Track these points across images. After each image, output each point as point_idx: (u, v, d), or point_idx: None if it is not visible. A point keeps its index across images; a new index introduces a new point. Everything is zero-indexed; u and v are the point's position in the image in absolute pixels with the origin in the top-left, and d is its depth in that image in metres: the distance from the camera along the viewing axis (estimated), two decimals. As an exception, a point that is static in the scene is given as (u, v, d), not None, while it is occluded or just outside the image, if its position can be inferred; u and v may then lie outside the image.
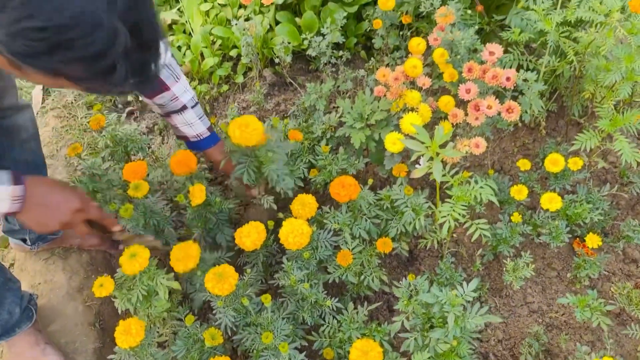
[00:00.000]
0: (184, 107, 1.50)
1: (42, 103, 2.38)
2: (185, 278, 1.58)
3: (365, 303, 1.47)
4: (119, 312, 1.57)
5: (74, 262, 1.81)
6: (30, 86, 2.46)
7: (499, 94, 1.63)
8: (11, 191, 1.13)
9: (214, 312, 1.43)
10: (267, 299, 1.36)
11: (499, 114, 1.55)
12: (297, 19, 2.43)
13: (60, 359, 1.58)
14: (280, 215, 1.65)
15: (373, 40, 2.00)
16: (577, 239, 1.78)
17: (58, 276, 1.76)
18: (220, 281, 1.33)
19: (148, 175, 1.68)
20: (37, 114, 2.35)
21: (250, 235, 1.43)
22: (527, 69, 1.87)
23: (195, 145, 1.59)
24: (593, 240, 1.62)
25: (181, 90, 1.47)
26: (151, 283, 1.42)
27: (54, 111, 2.32)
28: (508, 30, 1.82)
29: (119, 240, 1.83)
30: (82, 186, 1.69)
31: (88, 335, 1.65)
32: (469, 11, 1.84)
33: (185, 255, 1.42)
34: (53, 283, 1.74)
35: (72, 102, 2.34)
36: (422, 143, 1.41)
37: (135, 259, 1.36)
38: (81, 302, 1.72)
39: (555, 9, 1.70)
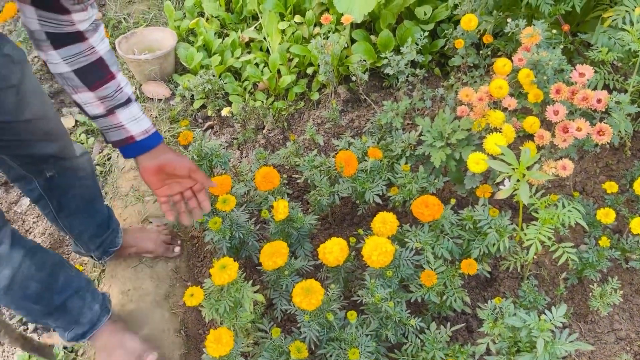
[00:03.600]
0: (129, 100, 1.28)
1: (128, 117, 2.52)
2: (270, 283, 1.63)
3: (449, 324, 1.47)
4: (206, 321, 1.64)
5: (160, 270, 1.90)
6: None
7: (586, 115, 1.60)
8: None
9: (297, 325, 1.47)
10: (352, 315, 1.38)
11: (588, 135, 1.52)
12: (372, 37, 2.47)
13: (139, 344, 1.66)
14: (360, 231, 1.68)
15: (452, 59, 2.00)
16: (668, 265, 1.71)
17: (146, 284, 1.85)
18: (308, 296, 1.37)
19: (232, 188, 1.75)
20: (124, 127, 2.48)
21: (334, 252, 1.47)
22: (614, 89, 1.83)
23: (142, 145, 1.32)
24: (687, 268, 1.56)
25: (124, 80, 1.28)
26: (238, 295, 1.48)
27: (139, 125, 2.44)
28: (593, 49, 1.79)
29: (173, 245, 1.94)
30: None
31: (174, 342, 1.73)
32: (554, 30, 1.82)
33: (276, 251, 1.48)
34: (142, 290, 1.83)
35: (156, 117, 2.46)
36: (509, 164, 1.40)
37: (224, 271, 1.42)
38: (167, 310, 1.80)
39: (645, 27, 1.65)
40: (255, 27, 2.70)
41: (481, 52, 2.00)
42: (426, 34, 2.01)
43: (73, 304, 1.54)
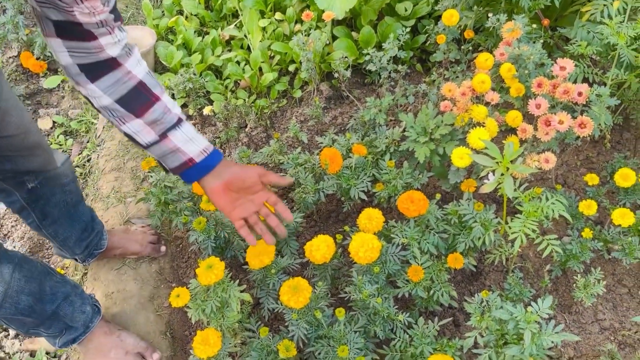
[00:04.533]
0: (180, 120, 1.21)
1: (107, 117, 2.48)
2: (257, 282, 1.62)
3: (436, 318, 1.47)
4: (192, 322, 1.62)
5: (144, 272, 1.87)
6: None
7: (567, 108, 1.62)
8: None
9: (285, 323, 1.46)
10: (340, 312, 1.38)
11: (570, 129, 1.54)
12: (353, 33, 2.46)
13: (137, 340, 1.66)
14: (346, 228, 1.68)
15: (434, 55, 2.01)
16: (648, 255, 1.74)
17: (130, 286, 1.82)
18: (295, 294, 1.36)
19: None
20: (104, 127, 2.44)
21: (320, 249, 1.46)
22: (593, 82, 1.85)
23: (203, 166, 1.25)
24: (668, 257, 1.58)
25: (170, 101, 1.21)
26: (224, 295, 1.46)
27: (119, 125, 2.41)
28: (572, 44, 1.81)
29: (159, 245, 1.93)
30: (153, 198, 1.76)
31: (160, 344, 1.70)
32: (534, 25, 1.83)
33: (262, 249, 1.46)
34: (125, 292, 1.81)
35: (136, 117, 2.42)
36: (493, 158, 1.41)
37: (211, 271, 1.40)
38: (152, 312, 1.78)
39: (622, 22, 1.68)
40: (236, 25, 2.67)
41: (462, 47, 2.01)
42: (407, 29, 2.01)
43: (64, 310, 1.52)
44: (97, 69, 1.10)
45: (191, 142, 1.22)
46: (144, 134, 1.18)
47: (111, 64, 1.10)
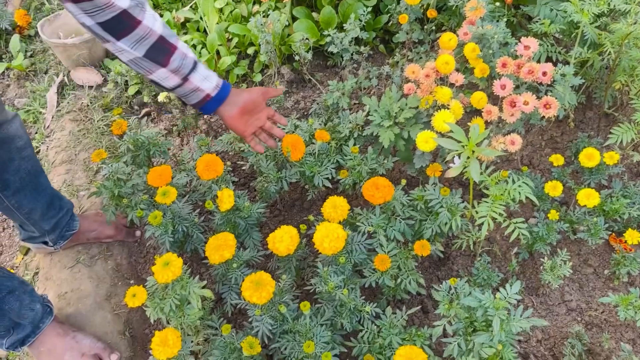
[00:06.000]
0: (195, 63, 1.39)
1: (57, 106, 2.35)
2: (218, 277, 1.55)
3: (404, 307, 1.43)
4: (151, 321, 1.55)
5: (100, 270, 1.78)
6: (43, 89, 2.42)
7: (532, 89, 1.59)
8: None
9: (249, 319, 1.41)
10: (306, 306, 1.32)
11: (535, 109, 1.51)
12: (314, 14, 2.38)
13: (93, 341, 1.59)
14: (311, 217, 1.62)
15: (397, 35, 1.95)
16: (613, 234, 1.75)
17: (85, 285, 1.73)
18: (258, 289, 1.30)
19: (172, 179, 1.65)
20: (53, 117, 2.31)
21: (284, 240, 1.40)
22: (557, 61, 1.83)
23: (218, 99, 1.46)
24: (633, 237, 1.58)
25: (184, 45, 1.36)
26: (184, 292, 1.39)
27: (69, 114, 2.28)
28: (535, 22, 1.78)
29: (134, 230, 1.88)
30: (106, 191, 1.66)
31: (118, 345, 1.62)
32: (497, 3, 1.79)
33: (222, 243, 1.40)
34: (80, 292, 1.71)
35: (87, 105, 2.30)
36: (458, 142, 1.37)
37: (168, 268, 1.33)
38: (109, 311, 1.69)
39: (586, -1, 1.65)
40: (191, 7, 2.55)
41: (425, 27, 1.96)
42: (369, 9, 1.94)
43: (10, 305, 1.43)
44: (119, 27, 1.22)
45: (206, 80, 1.41)
46: (169, 80, 1.36)
47: (130, 21, 1.22)
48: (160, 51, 1.30)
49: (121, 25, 1.21)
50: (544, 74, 1.49)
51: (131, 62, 1.30)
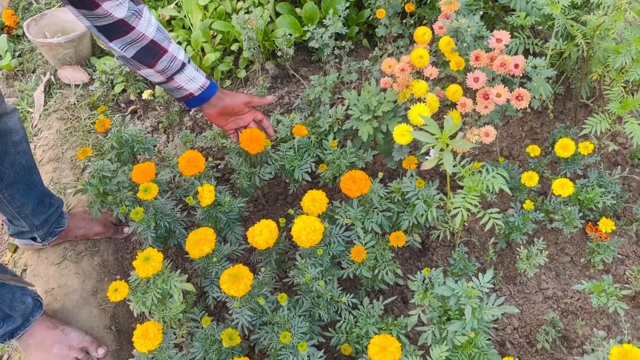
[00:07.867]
0: (183, 65, 1.51)
1: (44, 105, 2.37)
2: (200, 270, 1.58)
3: (381, 297, 1.47)
4: (135, 315, 1.58)
5: (86, 266, 1.81)
6: (31, 88, 2.44)
7: (507, 81, 1.61)
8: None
9: (229, 311, 1.44)
10: (282, 297, 1.35)
11: (508, 101, 1.54)
12: (297, 10, 2.40)
13: (81, 335, 1.62)
14: (291, 211, 1.65)
15: (377, 30, 1.97)
16: (589, 223, 1.78)
17: (71, 280, 1.76)
18: (236, 282, 1.33)
19: (156, 175, 1.67)
20: (40, 116, 2.34)
21: (263, 234, 1.43)
22: (534, 53, 1.85)
23: (201, 98, 1.59)
24: (607, 225, 1.61)
25: (176, 48, 1.48)
26: (165, 286, 1.42)
27: (57, 113, 2.30)
28: (512, 14, 1.80)
29: (122, 227, 1.91)
30: (91, 189, 1.69)
31: (105, 339, 1.66)
32: (473, -4, 1.81)
33: (202, 238, 1.43)
34: (67, 287, 1.74)
35: (74, 104, 2.32)
36: (432, 134, 1.39)
37: (148, 262, 1.36)
38: (96, 306, 1.72)
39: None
40: (176, 4, 2.57)
41: (405, 21, 1.98)
42: (347, 4, 1.96)
43: (1, 297, 1.47)
44: (113, 31, 1.34)
45: (192, 81, 1.55)
46: (155, 77, 1.50)
47: (124, 27, 1.34)
48: (149, 54, 1.42)
49: (116, 30, 1.34)
50: (516, 66, 1.51)
51: (121, 58, 1.45)
